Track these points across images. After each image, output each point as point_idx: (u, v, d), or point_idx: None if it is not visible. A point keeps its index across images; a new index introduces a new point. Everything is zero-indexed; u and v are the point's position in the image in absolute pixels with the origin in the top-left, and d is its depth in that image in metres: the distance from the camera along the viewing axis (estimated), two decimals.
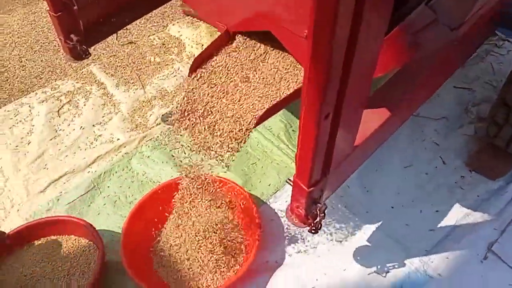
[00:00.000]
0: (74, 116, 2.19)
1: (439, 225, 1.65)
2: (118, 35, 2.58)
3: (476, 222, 1.65)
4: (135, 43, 2.53)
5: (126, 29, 2.61)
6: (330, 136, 0.95)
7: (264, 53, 1.33)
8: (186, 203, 1.68)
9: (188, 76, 1.31)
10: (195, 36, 2.51)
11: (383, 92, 1.27)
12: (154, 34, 2.58)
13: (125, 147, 2.05)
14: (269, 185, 1.86)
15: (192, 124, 1.27)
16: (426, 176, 1.79)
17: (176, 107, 1.29)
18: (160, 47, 2.49)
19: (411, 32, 0.95)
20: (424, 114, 1.97)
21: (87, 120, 2.17)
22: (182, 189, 1.66)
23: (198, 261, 1.58)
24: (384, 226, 1.67)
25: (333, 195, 1.73)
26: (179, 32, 2.56)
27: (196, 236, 1.62)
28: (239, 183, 1.81)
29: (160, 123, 2.12)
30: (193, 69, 1.31)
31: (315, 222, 1.19)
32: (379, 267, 1.55)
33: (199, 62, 1.32)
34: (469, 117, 1.95)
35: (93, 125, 2.15)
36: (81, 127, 2.14)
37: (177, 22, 2.63)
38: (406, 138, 1.91)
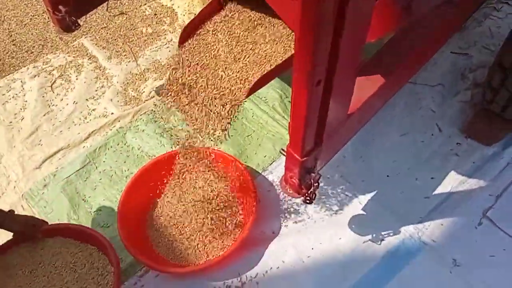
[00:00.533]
0: (67, 91, 2.17)
1: (434, 193, 1.66)
2: (109, 6, 2.52)
3: (471, 189, 1.65)
4: (126, 14, 2.47)
5: None
6: (322, 104, 0.94)
7: (256, 21, 1.29)
8: (182, 176, 1.68)
9: (179, 46, 1.28)
10: (187, 5, 2.45)
11: (377, 59, 1.24)
12: (145, 4, 2.52)
13: (119, 121, 2.03)
14: (265, 156, 1.85)
15: (183, 98, 1.26)
16: (422, 144, 1.78)
17: (167, 80, 1.26)
18: (152, 17, 2.44)
19: None
20: (420, 81, 1.94)
21: (80, 94, 2.14)
22: (178, 162, 1.66)
23: (195, 232, 1.59)
24: (379, 195, 1.67)
25: (329, 165, 1.73)
26: (171, 1, 2.50)
27: (193, 208, 1.63)
28: (235, 155, 1.81)
29: (154, 96, 2.10)
30: (184, 38, 1.28)
31: (309, 192, 1.19)
32: (374, 235, 1.56)
33: (189, 31, 1.29)
34: (465, 83, 1.92)
35: (86, 99, 2.12)
36: (74, 101, 2.12)
37: None
38: (402, 106, 1.89)
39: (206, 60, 1.23)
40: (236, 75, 1.18)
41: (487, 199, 1.61)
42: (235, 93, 1.16)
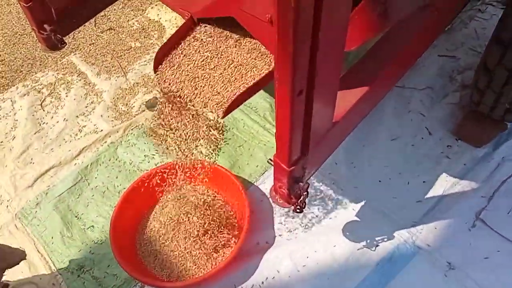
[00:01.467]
0: (57, 108, 2.17)
1: (426, 196, 1.65)
2: (96, 22, 2.52)
3: (463, 191, 1.64)
4: (114, 29, 2.48)
5: (104, 15, 2.55)
6: (306, 114, 0.94)
7: (231, 39, 1.28)
8: (174, 189, 1.67)
9: (154, 72, 1.26)
10: (174, 18, 2.46)
11: (361, 65, 1.24)
12: (133, 18, 2.53)
13: (110, 136, 2.03)
14: (257, 166, 1.85)
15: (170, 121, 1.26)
16: (413, 148, 1.78)
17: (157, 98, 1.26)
18: (140, 32, 2.45)
19: (380, 1, 0.92)
20: (409, 85, 1.95)
21: (70, 111, 2.14)
22: (170, 175, 1.65)
23: (189, 246, 1.59)
24: (372, 200, 1.66)
25: (321, 172, 1.73)
26: (158, 15, 2.51)
27: (185, 221, 1.62)
28: (226, 166, 1.81)
29: (144, 110, 2.10)
30: (157, 63, 1.25)
31: (299, 201, 1.18)
32: (368, 241, 1.56)
33: (163, 54, 1.26)
34: (453, 85, 1.92)
35: (77, 116, 2.12)
36: (65, 118, 2.12)
37: (156, 5, 2.57)
38: (392, 111, 1.89)
39: (184, 82, 1.21)
40: (214, 94, 1.17)
41: (479, 201, 1.61)
42: (214, 112, 1.15)
